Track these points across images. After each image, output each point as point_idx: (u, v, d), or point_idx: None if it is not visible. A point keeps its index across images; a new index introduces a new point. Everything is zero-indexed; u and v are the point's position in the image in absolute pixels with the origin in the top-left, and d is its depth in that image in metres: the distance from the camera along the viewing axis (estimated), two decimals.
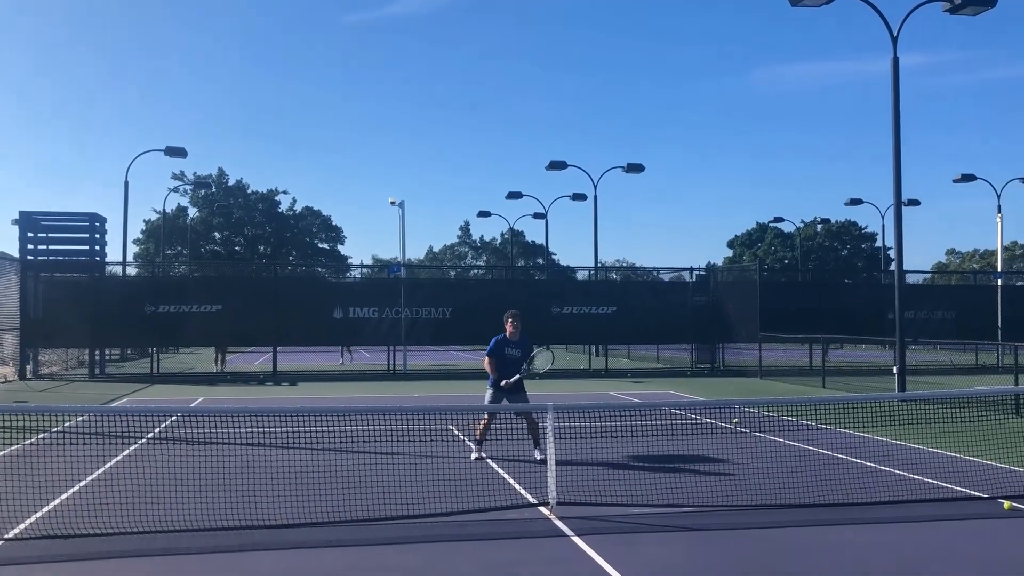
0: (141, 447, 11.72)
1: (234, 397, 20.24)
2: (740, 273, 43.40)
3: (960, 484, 9.51)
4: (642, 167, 40.78)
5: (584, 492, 8.91)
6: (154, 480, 9.14)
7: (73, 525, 7.47)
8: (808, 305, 29.53)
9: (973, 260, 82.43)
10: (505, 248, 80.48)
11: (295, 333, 28.59)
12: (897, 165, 18.58)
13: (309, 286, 33.54)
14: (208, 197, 74.51)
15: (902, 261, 19.21)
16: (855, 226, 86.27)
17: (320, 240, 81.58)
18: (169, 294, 27.57)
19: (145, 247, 71.37)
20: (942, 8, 18.58)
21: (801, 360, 28.87)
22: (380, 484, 9.01)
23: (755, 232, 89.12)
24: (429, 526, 7.79)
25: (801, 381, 24.45)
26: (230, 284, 30.80)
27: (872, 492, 9.08)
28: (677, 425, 13.38)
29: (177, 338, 30.99)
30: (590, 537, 7.31)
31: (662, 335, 31.71)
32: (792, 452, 11.55)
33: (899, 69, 18.61)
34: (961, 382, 23.54)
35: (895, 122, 18.57)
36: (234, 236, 78.28)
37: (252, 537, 7.35)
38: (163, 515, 7.85)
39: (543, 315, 28.97)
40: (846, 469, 10.45)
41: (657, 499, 8.64)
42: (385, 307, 28.37)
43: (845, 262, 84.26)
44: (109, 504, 8.00)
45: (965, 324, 30.92)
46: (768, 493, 8.96)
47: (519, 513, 8.27)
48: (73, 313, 25.73)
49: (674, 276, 33.93)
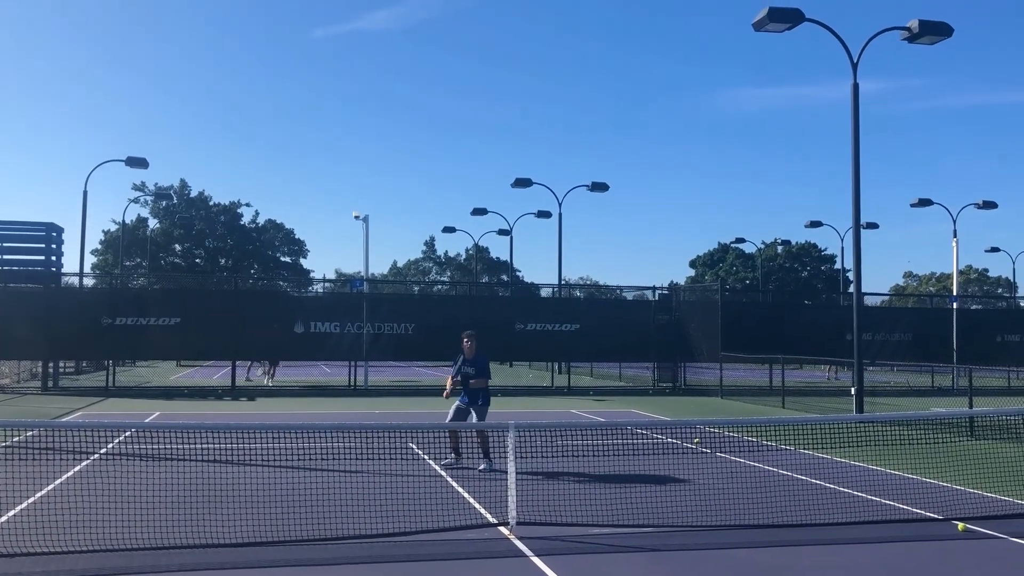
0: (93, 463, 11.46)
1: (191, 412, 19.92)
2: (702, 293, 43.75)
3: (916, 505, 9.62)
4: (606, 186, 40.96)
5: (544, 512, 8.87)
6: (106, 497, 8.92)
7: (20, 543, 7.26)
8: (769, 325, 29.86)
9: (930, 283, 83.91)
10: (470, 264, 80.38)
11: (255, 347, 28.28)
12: (856, 188, 18.88)
13: (270, 300, 33.20)
14: (169, 208, 73.55)
15: (860, 283, 19.49)
16: (815, 248, 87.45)
17: (282, 253, 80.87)
18: (127, 306, 27.10)
19: (104, 258, 70.19)
20: (900, 37, 18.98)
21: (761, 380, 29.13)
22: (338, 502, 8.88)
23: (717, 252, 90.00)
24: (387, 546, 7.69)
25: (761, 401, 24.65)
26: (190, 297, 30.40)
27: (830, 513, 9.14)
28: (639, 445, 13.39)
29: (135, 351, 30.48)
30: (549, 557, 7.26)
31: (624, 353, 31.82)
32: (753, 472, 11.61)
33: (859, 94, 18.96)
34: (917, 403, 23.88)
35: (855, 146, 18.89)
36: (195, 248, 77.31)
37: (207, 556, 7.21)
38: (116, 533, 7.66)
39: (507, 331, 28.96)
40: (805, 489, 10.52)
41: (618, 519, 8.62)
42: (347, 322, 28.16)
43: (805, 283, 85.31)
44: (60, 521, 7.79)
45: (922, 346, 31.42)
46: (729, 513, 8.98)
47: (478, 533, 8.20)
48: (27, 324, 25.19)
49: (637, 295, 34.09)
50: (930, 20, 18.51)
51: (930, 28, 18.48)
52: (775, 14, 18.23)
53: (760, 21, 18.45)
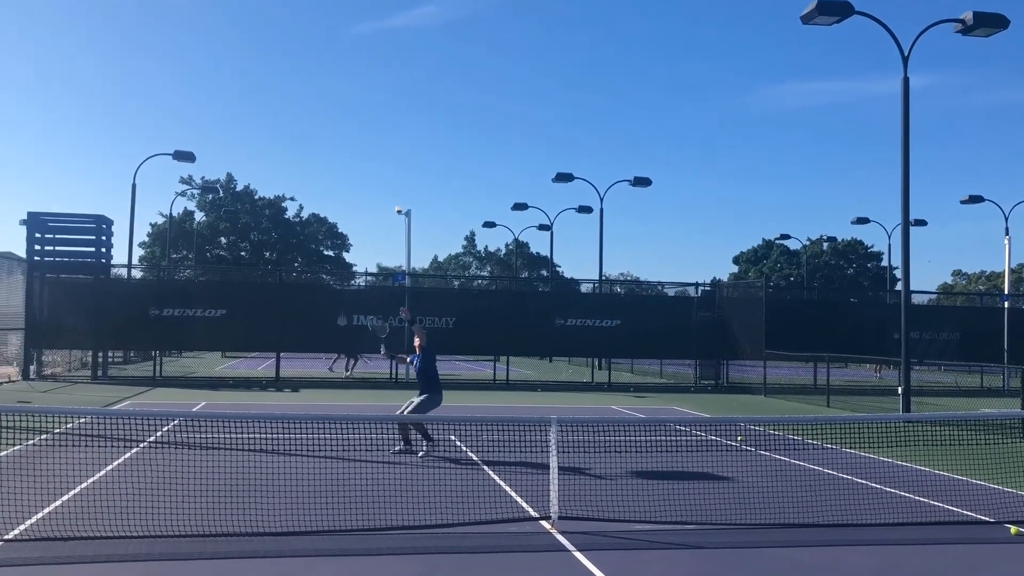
0: (142, 450, 11.68)
1: (236, 402, 20.21)
2: (745, 289, 43.31)
3: (966, 507, 9.43)
4: (649, 181, 40.72)
5: (586, 507, 8.85)
6: (154, 484, 9.09)
7: (73, 527, 7.43)
8: (813, 323, 29.43)
9: (979, 282, 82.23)
10: (510, 259, 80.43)
11: (298, 339, 28.54)
12: (905, 184, 18.54)
13: (313, 293, 33.49)
14: (215, 202, 74.66)
15: (908, 281, 19.13)
16: (861, 245, 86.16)
17: (325, 247, 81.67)
18: (174, 298, 27.54)
19: (151, 250, 71.45)
20: (954, 29, 18.58)
21: (806, 378, 28.77)
22: (380, 493, 8.96)
23: (761, 249, 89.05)
24: (429, 537, 7.73)
25: (805, 399, 24.34)
26: (235, 289, 30.73)
27: (876, 513, 9.00)
28: (681, 441, 13.31)
29: (181, 342, 31.00)
30: (591, 552, 7.25)
31: (665, 350, 31.59)
32: (796, 471, 11.48)
33: (909, 88, 18.60)
34: (966, 404, 23.42)
35: (904, 141, 18.55)
36: (240, 241, 78.39)
37: (252, 544, 7.31)
38: (163, 519, 7.80)
39: (546, 327, 28.92)
40: (850, 489, 10.37)
41: (660, 516, 8.57)
42: (389, 315, 28.30)
43: (851, 281, 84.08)
44: (109, 507, 7.96)
45: (970, 345, 30.78)
46: (772, 512, 8.89)
47: (520, 527, 8.21)
48: (78, 315, 25.75)
49: (679, 291, 33.80)
50: (985, 12, 18.07)
51: (985, 20, 18.06)
52: (824, 7, 17.95)
53: (808, 14, 18.19)
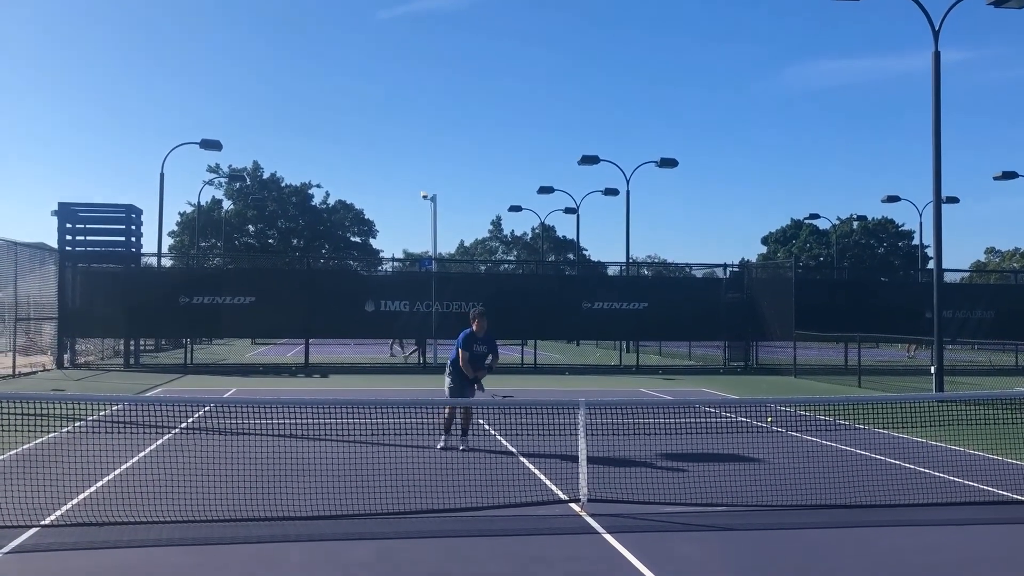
0: (174, 436, 11.83)
1: (266, 388, 20.39)
2: (774, 270, 42.94)
3: (1000, 487, 9.32)
4: (675, 162, 40.43)
5: (615, 489, 8.84)
6: (187, 469, 9.20)
7: (108, 513, 7.54)
8: (844, 303, 29.13)
9: (1013, 259, 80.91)
10: (536, 243, 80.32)
11: (327, 325, 28.72)
12: (937, 161, 18.25)
13: (341, 279, 33.69)
14: (243, 190, 75.17)
15: (941, 259, 18.87)
16: (892, 223, 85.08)
17: (352, 234, 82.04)
18: (203, 286, 27.79)
19: (180, 239, 72.17)
20: (986, 1, 18.20)
21: (836, 359, 28.51)
22: (410, 477, 9.01)
23: (790, 229, 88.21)
24: (459, 520, 7.76)
25: (836, 380, 24.14)
26: (263, 276, 30.96)
27: (909, 494, 8.91)
28: (710, 423, 13.24)
29: (211, 329, 31.28)
30: (621, 535, 7.25)
31: (694, 332, 31.41)
32: (827, 452, 11.39)
33: (940, 64, 18.28)
34: (1000, 383, 23.10)
35: (935, 118, 18.24)
36: (268, 229, 78.93)
37: (283, 528, 7.38)
38: (196, 504, 7.90)
39: (573, 310, 28.88)
40: (882, 470, 10.28)
41: (690, 498, 8.54)
42: (416, 301, 28.41)
43: (882, 260, 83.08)
44: (143, 493, 8.08)
45: (1004, 324, 30.31)
46: (803, 493, 8.82)
47: (549, 509, 8.22)
48: (109, 303, 26.07)
49: (707, 273, 33.56)
50: None
51: None
52: None
53: None
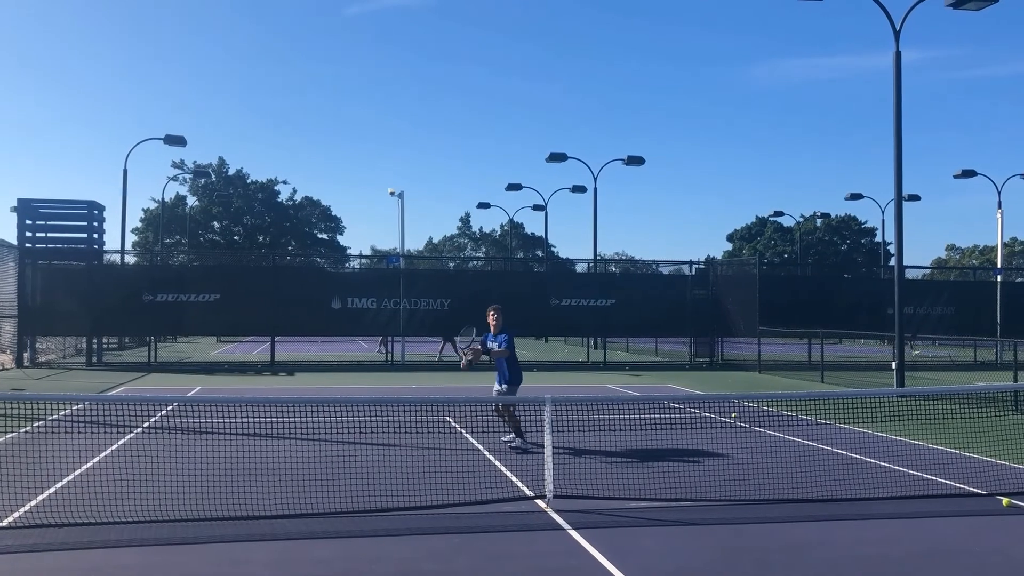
0: (137, 436, 11.69)
1: (231, 386, 20.21)
2: (739, 267, 43.35)
3: (959, 480, 9.49)
4: (642, 160, 40.69)
5: (581, 485, 8.88)
6: (149, 469, 9.09)
7: (69, 514, 7.43)
8: (807, 299, 29.50)
9: (973, 256, 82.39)
10: (505, 240, 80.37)
11: (293, 323, 28.55)
12: (898, 160, 18.52)
13: (308, 276, 33.44)
14: (208, 186, 74.38)
15: (902, 256, 19.17)
16: (855, 221, 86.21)
17: (319, 230, 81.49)
18: (167, 283, 27.48)
19: (144, 236, 71.25)
20: (944, 3, 18.49)
21: (800, 355, 28.85)
22: (376, 476, 8.97)
23: (755, 226, 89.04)
24: (425, 518, 7.75)
25: (800, 376, 24.43)
26: (229, 274, 30.67)
27: (870, 488, 9.05)
28: (675, 419, 13.34)
29: (175, 327, 30.98)
30: (586, 531, 7.28)
31: (661, 328, 31.64)
32: (791, 447, 11.52)
33: (901, 64, 18.55)
34: (960, 378, 23.51)
35: (896, 117, 18.52)
36: (233, 226, 78.15)
37: (247, 528, 7.32)
38: (159, 504, 7.81)
39: (541, 307, 28.95)
40: (845, 464, 10.42)
41: (655, 493, 8.60)
42: (384, 298, 28.31)
43: (845, 257, 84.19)
44: (105, 493, 7.97)
45: (964, 320, 30.89)
46: (767, 488, 8.92)
47: (515, 506, 8.23)
48: (71, 301, 25.69)
49: (673, 269, 33.80)
50: None
51: None
52: None
53: None
